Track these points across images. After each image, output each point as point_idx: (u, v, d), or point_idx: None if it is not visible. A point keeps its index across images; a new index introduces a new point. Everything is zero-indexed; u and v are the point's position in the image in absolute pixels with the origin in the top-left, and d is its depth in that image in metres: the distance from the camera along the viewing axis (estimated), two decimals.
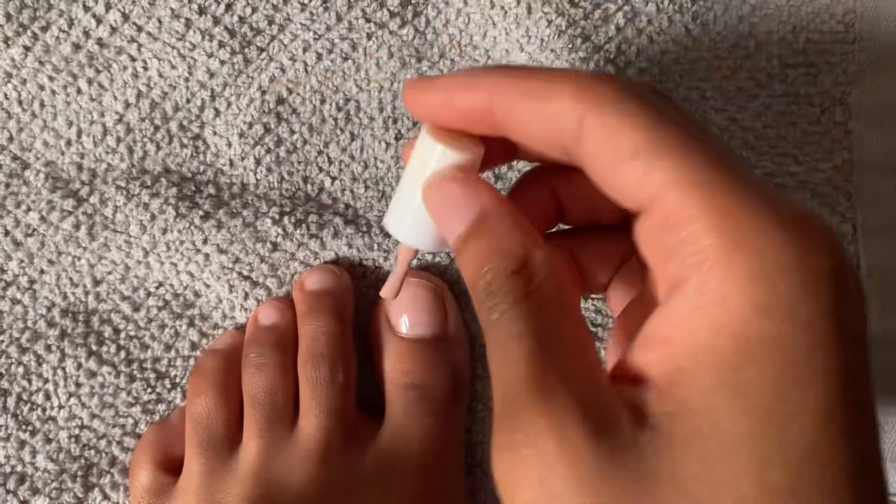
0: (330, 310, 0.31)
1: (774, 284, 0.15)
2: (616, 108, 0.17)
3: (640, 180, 0.16)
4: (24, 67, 0.33)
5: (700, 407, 0.15)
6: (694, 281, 0.15)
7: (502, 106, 0.18)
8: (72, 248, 0.32)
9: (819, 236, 0.16)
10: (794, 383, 0.15)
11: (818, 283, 0.15)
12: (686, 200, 0.16)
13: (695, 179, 0.16)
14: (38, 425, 0.32)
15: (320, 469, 0.29)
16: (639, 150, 0.16)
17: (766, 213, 0.15)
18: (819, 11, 0.34)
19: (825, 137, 0.34)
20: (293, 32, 0.34)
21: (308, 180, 0.34)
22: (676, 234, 0.16)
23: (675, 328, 0.16)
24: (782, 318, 0.15)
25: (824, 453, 0.15)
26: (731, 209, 0.15)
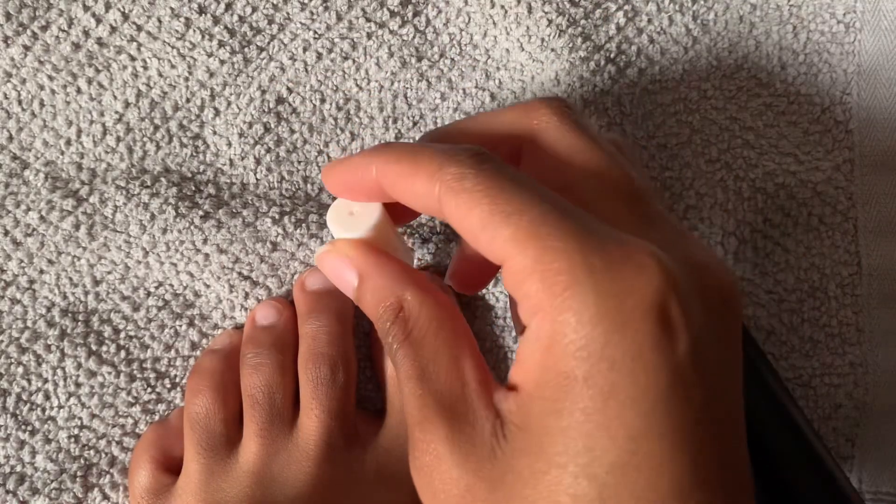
0: (330, 310, 0.31)
1: (586, 330, 0.18)
2: (462, 187, 0.20)
3: (491, 246, 0.19)
4: (23, 67, 0.33)
5: (534, 428, 0.19)
6: (532, 328, 0.19)
7: (386, 184, 0.22)
8: (71, 248, 0.32)
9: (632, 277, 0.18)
10: (600, 414, 0.17)
11: (625, 324, 0.17)
12: (521, 260, 0.18)
13: (527, 241, 0.18)
14: (37, 425, 0.32)
15: (320, 469, 0.29)
16: (485, 220, 0.19)
17: (579, 265, 0.18)
18: (819, 11, 0.34)
19: (826, 137, 0.34)
20: (293, 32, 0.33)
21: (308, 180, 0.34)
22: (519, 289, 0.19)
23: (527, 360, 0.19)
24: (595, 359, 0.17)
25: (632, 469, 0.17)
26: (552, 265, 0.18)
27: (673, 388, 0.18)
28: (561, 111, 0.23)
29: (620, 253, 0.18)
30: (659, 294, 0.18)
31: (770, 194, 0.34)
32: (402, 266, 0.23)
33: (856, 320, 0.34)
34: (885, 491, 0.34)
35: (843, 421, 0.34)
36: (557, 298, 0.18)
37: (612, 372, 0.17)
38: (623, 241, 0.19)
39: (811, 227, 0.34)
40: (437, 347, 0.21)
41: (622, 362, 0.17)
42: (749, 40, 0.34)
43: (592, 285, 0.18)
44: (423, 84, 0.34)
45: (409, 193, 0.22)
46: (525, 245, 0.18)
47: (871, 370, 0.34)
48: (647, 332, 0.18)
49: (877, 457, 0.34)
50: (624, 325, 0.18)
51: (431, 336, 0.21)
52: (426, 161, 0.21)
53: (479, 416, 0.20)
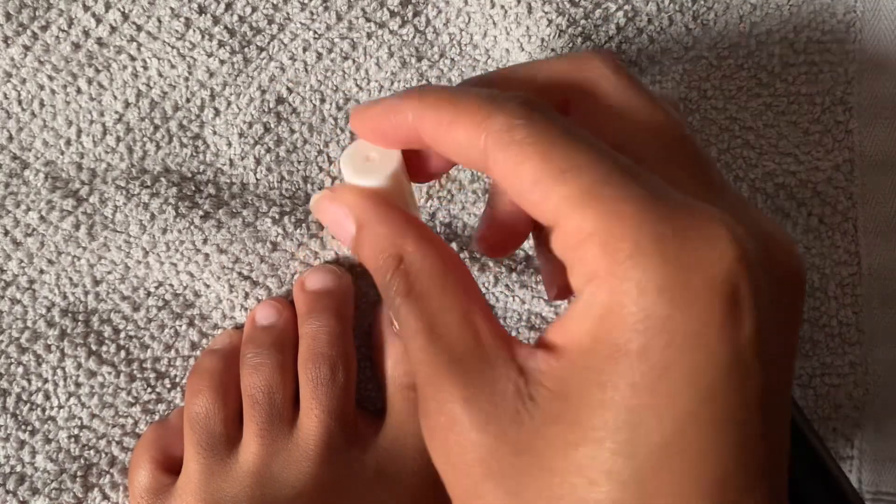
0: (330, 310, 0.31)
1: (648, 302, 0.16)
2: (513, 138, 0.18)
3: (543, 204, 0.18)
4: (23, 67, 0.33)
5: (572, 397, 0.17)
6: (587, 294, 0.17)
7: (423, 130, 0.20)
8: (71, 248, 0.32)
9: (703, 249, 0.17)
10: (650, 391, 0.16)
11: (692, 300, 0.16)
12: (580, 222, 0.17)
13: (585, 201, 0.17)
14: (37, 425, 0.32)
15: (320, 468, 0.29)
16: (537, 176, 0.18)
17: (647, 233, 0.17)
18: (820, 11, 0.34)
19: (826, 136, 0.34)
20: (293, 32, 0.33)
21: (308, 180, 0.34)
22: (574, 252, 0.18)
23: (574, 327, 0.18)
24: (653, 333, 0.16)
25: (676, 454, 0.17)
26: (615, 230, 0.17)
27: (731, 372, 0.16)
28: (616, 64, 0.21)
29: (690, 221, 0.17)
30: (730, 270, 0.16)
31: (770, 194, 0.34)
32: (404, 215, 0.21)
33: (856, 320, 0.34)
34: (885, 491, 0.34)
35: (842, 421, 0.34)
36: (619, 266, 0.17)
37: (669, 349, 0.16)
38: (693, 209, 0.17)
39: (811, 227, 0.34)
40: (444, 301, 0.20)
41: (682, 340, 0.16)
42: (749, 40, 0.34)
43: (659, 255, 0.16)
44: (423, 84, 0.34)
45: (450, 143, 0.20)
46: (583, 206, 0.17)
47: (871, 370, 0.34)
48: (713, 310, 0.16)
49: (877, 457, 0.34)
50: (689, 301, 0.16)
51: (437, 289, 0.20)
52: (471, 108, 0.19)
53: (499, 373, 0.18)
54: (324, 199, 0.23)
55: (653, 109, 0.21)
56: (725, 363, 0.16)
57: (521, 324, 0.34)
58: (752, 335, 0.17)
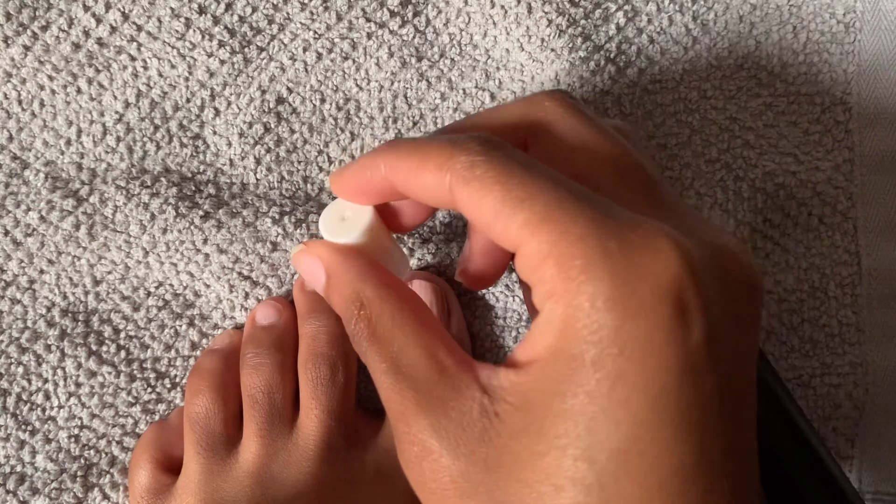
0: (330, 310, 0.31)
1: (601, 314, 0.17)
2: (473, 174, 0.20)
3: (505, 232, 0.19)
4: (23, 67, 0.33)
5: (535, 409, 0.18)
6: (546, 310, 0.18)
7: (396, 180, 0.22)
8: (71, 248, 0.32)
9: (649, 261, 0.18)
10: (606, 398, 0.17)
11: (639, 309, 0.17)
12: (538, 245, 0.18)
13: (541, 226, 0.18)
14: (37, 425, 0.32)
15: (320, 468, 0.29)
16: (497, 208, 0.19)
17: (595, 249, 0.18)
18: (819, 11, 0.34)
19: (826, 137, 0.34)
20: (293, 32, 0.34)
21: (308, 180, 0.34)
22: (534, 273, 0.19)
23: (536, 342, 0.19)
24: (606, 343, 0.17)
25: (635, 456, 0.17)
26: (568, 249, 0.18)
27: (683, 375, 0.17)
28: (566, 101, 0.23)
29: (637, 236, 0.18)
30: (675, 279, 0.17)
31: (770, 194, 0.34)
32: (365, 262, 0.23)
33: (856, 320, 0.34)
34: (885, 491, 0.34)
35: (842, 421, 0.34)
36: (572, 283, 0.18)
37: (621, 357, 0.17)
38: (640, 224, 0.18)
39: (811, 227, 0.34)
40: (404, 339, 0.21)
41: (632, 348, 0.17)
42: (749, 40, 0.34)
43: (608, 269, 0.17)
44: (423, 84, 0.34)
45: (419, 187, 0.21)
46: (539, 230, 0.18)
47: (871, 370, 0.34)
48: (660, 317, 0.17)
49: (877, 457, 0.34)
50: (637, 311, 0.17)
51: (397, 329, 0.21)
52: (435, 152, 0.21)
53: (464, 396, 0.20)
54: (300, 253, 0.25)
55: (604, 140, 0.22)
56: (677, 367, 0.17)
57: (521, 324, 0.34)
58: (701, 339, 0.18)
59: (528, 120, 0.23)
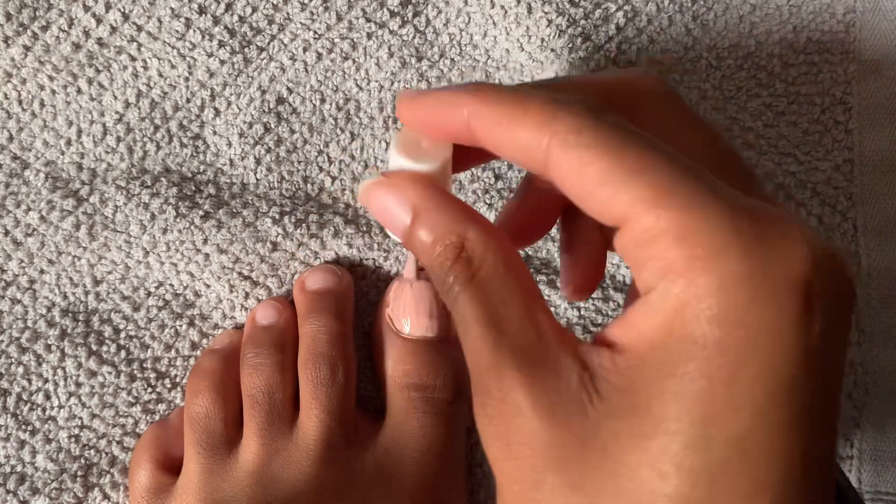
0: (330, 310, 0.31)
1: (728, 294, 0.16)
2: (579, 140, 0.18)
3: (611, 204, 0.18)
4: (24, 67, 0.33)
5: (642, 389, 0.17)
6: (660, 289, 0.17)
7: (479, 128, 0.20)
8: (72, 248, 0.32)
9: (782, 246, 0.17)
10: (727, 384, 0.16)
11: (773, 296, 0.16)
12: (653, 220, 0.17)
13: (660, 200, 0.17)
14: (37, 425, 0.32)
15: (320, 468, 0.29)
16: (606, 177, 0.18)
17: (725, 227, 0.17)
18: (819, 11, 0.34)
19: (826, 137, 0.34)
20: (293, 32, 0.34)
21: (308, 180, 0.34)
22: (647, 250, 0.17)
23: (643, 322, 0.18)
24: (731, 326, 0.16)
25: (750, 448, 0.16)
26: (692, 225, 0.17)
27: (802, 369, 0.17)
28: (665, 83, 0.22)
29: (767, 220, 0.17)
30: (806, 270, 0.17)
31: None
32: (463, 204, 0.21)
33: (855, 320, 0.34)
34: (885, 491, 0.34)
35: (842, 421, 0.34)
36: (698, 260, 0.17)
37: (747, 342, 0.16)
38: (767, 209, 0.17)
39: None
40: (506, 291, 0.19)
41: (761, 333, 0.16)
42: (749, 40, 0.34)
43: (740, 249, 0.16)
44: (423, 84, 0.34)
45: (509, 141, 0.20)
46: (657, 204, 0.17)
47: (870, 370, 0.34)
48: (790, 306, 0.16)
49: (876, 457, 0.34)
50: (768, 296, 0.16)
51: (500, 279, 0.19)
52: (536, 108, 0.19)
53: (563, 365, 0.18)
54: (375, 186, 0.22)
55: (704, 125, 0.21)
56: (799, 360, 0.17)
57: None
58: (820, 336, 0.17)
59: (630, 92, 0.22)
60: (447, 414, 0.31)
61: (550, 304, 0.34)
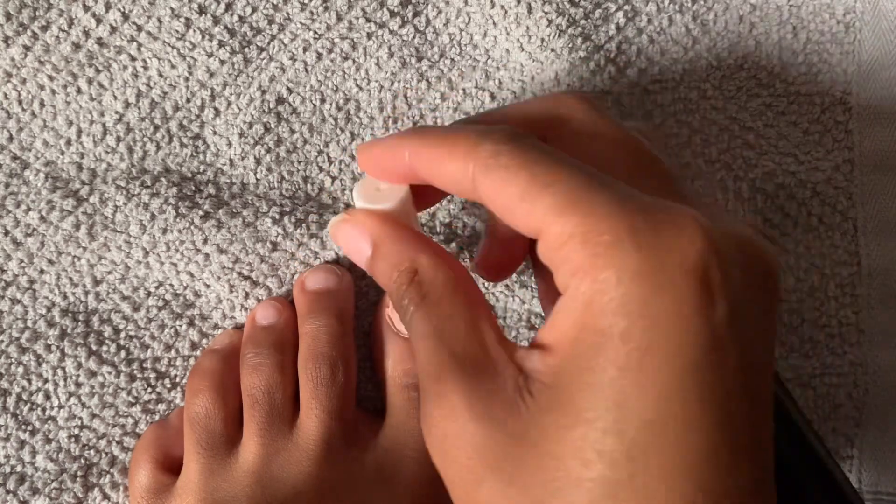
0: (330, 310, 0.31)
1: (628, 287, 0.18)
2: (498, 162, 0.20)
3: (528, 217, 0.20)
4: (23, 67, 0.33)
5: (566, 385, 0.19)
6: (571, 288, 0.19)
7: (419, 167, 0.23)
8: (72, 248, 0.32)
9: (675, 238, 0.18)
10: (636, 370, 0.18)
11: (670, 284, 0.18)
12: (561, 227, 0.19)
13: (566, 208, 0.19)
14: (37, 425, 0.32)
15: (320, 469, 0.29)
16: (523, 194, 0.20)
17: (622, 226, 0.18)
18: (819, 11, 0.34)
19: (825, 137, 0.34)
20: (293, 32, 0.34)
21: (308, 180, 0.34)
22: (558, 253, 0.19)
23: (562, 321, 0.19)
24: (634, 316, 0.18)
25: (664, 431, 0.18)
26: (593, 227, 0.18)
27: (709, 350, 0.18)
28: (587, 99, 0.24)
29: (662, 215, 0.18)
30: (701, 256, 0.18)
31: (770, 194, 0.34)
32: (416, 233, 0.24)
33: (856, 320, 0.34)
34: (885, 491, 0.34)
35: (842, 421, 0.34)
36: (599, 258, 0.18)
37: (650, 330, 0.18)
38: (664, 206, 0.19)
39: (811, 227, 0.34)
40: (453, 308, 0.21)
41: (661, 320, 0.18)
42: (749, 40, 0.34)
43: (634, 244, 0.18)
44: (423, 84, 0.34)
45: (442, 175, 0.22)
46: (564, 211, 0.19)
47: (870, 370, 0.34)
48: (687, 292, 0.18)
49: (877, 457, 0.34)
50: (665, 285, 0.18)
51: (447, 298, 0.22)
52: (460, 141, 0.21)
53: (500, 371, 0.20)
54: (341, 223, 0.24)
55: (623, 134, 0.23)
56: (703, 342, 0.18)
57: (520, 324, 0.34)
58: (725, 316, 0.18)
59: (550, 115, 0.24)
60: None
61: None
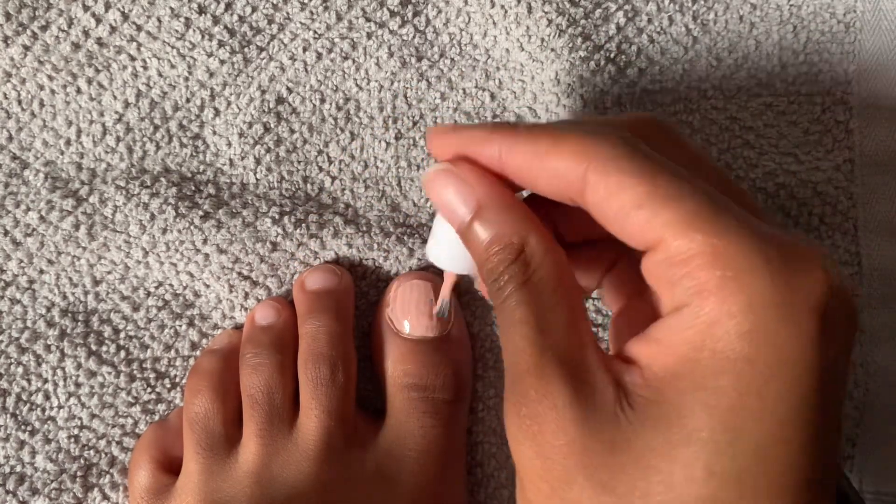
0: (330, 310, 0.31)
1: (757, 315, 0.18)
2: (617, 166, 0.20)
3: (645, 227, 0.19)
4: (23, 67, 0.33)
5: (673, 401, 0.19)
6: (692, 306, 0.19)
7: (512, 162, 0.21)
8: (71, 248, 0.32)
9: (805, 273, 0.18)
10: (756, 395, 0.18)
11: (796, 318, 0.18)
12: (686, 243, 0.19)
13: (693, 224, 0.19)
14: (37, 425, 0.32)
15: (320, 469, 0.29)
16: (642, 201, 0.19)
17: (755, 253, 0.18)
18: (819, 11, 0.34)
19: (826, 136, 0.34)
20: (293, 31, 0.33)
21: (308, 180, 0.34)
22: (679, 270, 0.19)
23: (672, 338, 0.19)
24: (760, 343, 0.18)
25: (774, 454, 0.18)
26: (724, 249, 0.18)
27: (821, 385, 0.18)
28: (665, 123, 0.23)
29: (793, 250, 0.19)
30: (826, 294, 0.18)
31: (770, 194, 0.34)
32: (527, 209, 0.22)
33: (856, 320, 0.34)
34: (886, 491, 0.34)
35: (843, 421, 0.34)
36: (731, 281, 0.18)
37: (775, 358, 0.18)
38: (792, 240, 0.19)
39: (811, 226, 0.34)
40: (556, 300, 0.20)
41: (786, 352, 0.18)
42: (749, 40, 0.34)
43: (768, 273, 0.18)
44: (423, 84, 0.34)
45: (545, 172, 0.21)
46: (691, 228, 0.19)
47: (871, 370, 0.34)
48: (812, 328, 0.18)
49: (877, 457, 0.34)
50: (792, 318, 0.18)
51: (552, 287, 0.21)
52: (572, 140, 0.20)
53: (599, 379, 0.20)
54: (443, 173, 0.22)
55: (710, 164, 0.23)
56: (818, 377, 0.18)
57: None
58: (834, 356, 0.18)
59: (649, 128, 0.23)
60: (447, 414, 0.31)
61: None
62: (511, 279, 0.21)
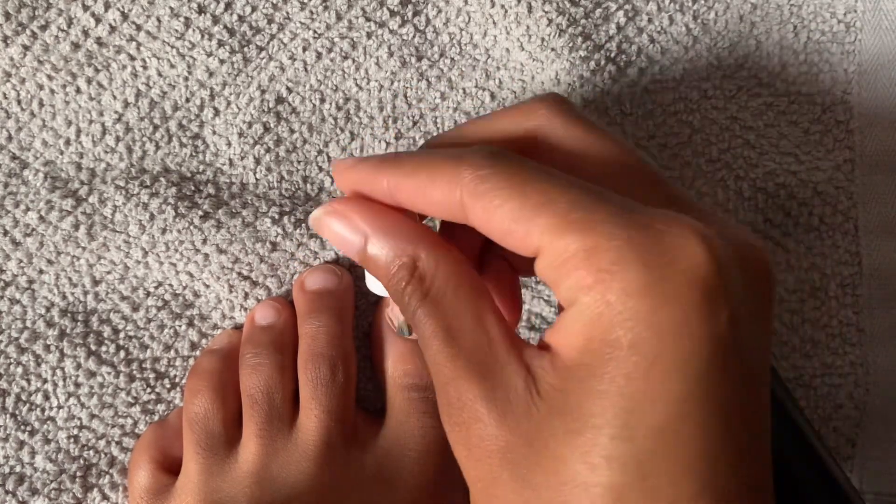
0: (330, 310, 0.31)
1: (634, 300, 0.18)
2: (486, 187, 0.20)
3: (525, 238, 0.20)
4: (22, 66, 0.33)
5: (574, 389, 0.19)
6: (578, 303, 0.19)
7: (400, 196, 0.22)
8: (71, 248, 0.32)
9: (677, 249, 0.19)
10: (643, 378, 0.18)
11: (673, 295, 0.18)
12: (563, 246, 0.19)
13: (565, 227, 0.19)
14: (37, 425, 0.32)
15: (320, 469, 0.29)
16: (516, 215, 0.20)
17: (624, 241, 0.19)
18: (820, 10, 0.34)
19: (826, 136, 0.34)
20: (293, 31, 0.33)
21: (308, 180, 0.34)
22: (561, 270, 0.19)
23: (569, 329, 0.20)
24: (642, 327, 0.18)
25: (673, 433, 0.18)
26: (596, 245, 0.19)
27: (715, 357, 0.18)
28: (561, 106, 0.23)
29: (661, 227, 0.19)
30: (702, 266, 0.18)
31: (770, 194, 0.34)
32: (412, 223, 0.23)
33: (856, 320, 0.34)
34: (886, 491, 0.34)
35: (843, 421, 0.34)
36: (604, 273, 0.18)
37: (658, 340, 0.18)
38: (661, 216, 0.19)
39: (812, 226, 0.34)
40: (458, 304, 0.21)
41: (668, 330, 0.18)
42: (749, 40, 0.34)
43: (638, 259, 0.18)
44: (423, 84, 0.34)
45: (428, 203, 0.22)
46: (563, 231, 0.19)
47: (871, 370, 0.34)
48: (692, 302, 0.18)
49: (877, 457, 0.34)
50: (670, 296, 0.18)
51: (451, 293, 0.21)
52: (441, 168, 0.21)
53: (510, 371, 0.20)
54: (326, 215, 0.23)
55: (606, 142, 0.23)
56: (708, 350, 0.18)
57: (521, 324, 0.34)
58: (727, 325, 0.18)
59: (525, 128, 0.23)
60: None
61: None
62: (412, 296, 0.21)
